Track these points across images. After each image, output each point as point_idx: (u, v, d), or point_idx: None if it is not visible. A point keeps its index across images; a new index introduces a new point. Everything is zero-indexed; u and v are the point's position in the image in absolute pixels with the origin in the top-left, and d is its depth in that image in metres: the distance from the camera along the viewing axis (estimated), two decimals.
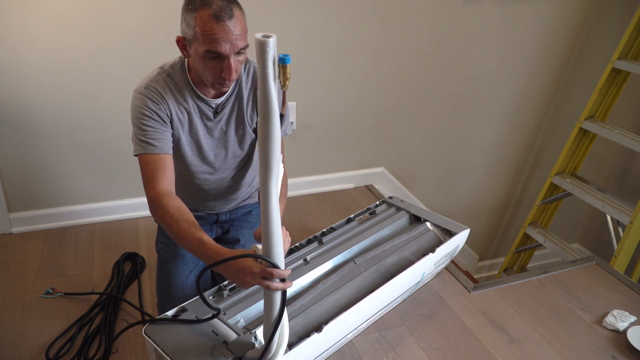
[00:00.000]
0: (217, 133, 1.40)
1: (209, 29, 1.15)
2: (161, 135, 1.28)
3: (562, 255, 2.45)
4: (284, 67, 0.85)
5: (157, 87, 1.29)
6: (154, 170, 1.25)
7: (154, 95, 1.28)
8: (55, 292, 1.63)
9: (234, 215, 1.60)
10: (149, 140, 1.26)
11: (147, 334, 1.13)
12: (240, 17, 1.19)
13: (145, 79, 1.31)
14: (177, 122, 1.33)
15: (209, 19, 1.14)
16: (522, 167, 2.88)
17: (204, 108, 1.35)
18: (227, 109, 1.38)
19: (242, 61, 1.24)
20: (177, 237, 1.17)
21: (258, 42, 0.83)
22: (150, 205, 1.23)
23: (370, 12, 2.13)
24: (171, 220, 1.17)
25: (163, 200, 1.21)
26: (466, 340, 1.46)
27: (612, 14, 2.53)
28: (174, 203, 1.21)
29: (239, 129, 1.41)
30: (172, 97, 1.30)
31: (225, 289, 1.30)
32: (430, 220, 1.67)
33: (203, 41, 1.16)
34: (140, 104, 1.28)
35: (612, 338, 1.49)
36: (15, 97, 1.81)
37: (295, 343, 1.14)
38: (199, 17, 1.15)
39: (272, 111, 0.87)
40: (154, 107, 1.28)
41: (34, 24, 1.73)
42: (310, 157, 2.34)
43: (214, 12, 1.14)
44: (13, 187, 1.94)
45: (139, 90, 1.29)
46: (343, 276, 1.39)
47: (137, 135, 1.28)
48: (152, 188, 1.24)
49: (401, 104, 2.40)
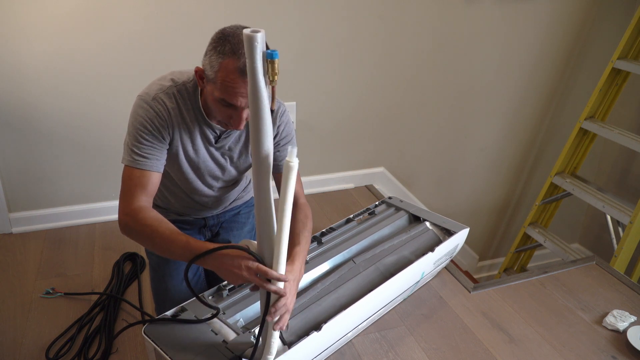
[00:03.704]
0: (217, 158, 1.35)
1: (230, 80, 1.10)
2: (155, 152, 1.22)
3: (562, 255, 2.45)
4: (272, 63, 0.85)
5: (166, 101, 1.22)
6: (136, 186, 1.20)
7: (160, 109, 1.21)
8: (55, 292, 1.63)
9: (222, 218, 1.58)
10: (142, 153, 1.21)
11: (147, 334, 1.13)
12: None
13: (154, 87, 1.24)
14: (178, 140, 1.27)
15: (234, 70, 1.09)
16: (522, 167, 2.88)
17: (208, 132, 1.29)
18: (232, 137, 1.33)
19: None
20: (160, 245, 1.12)
21: (246, 37, 0.83)
22: (124, 220, 1.17)
23: (370, 12, 2.13)
24: (151, 230, 1.12)
25: (140, 215, 1.15)
26: (466, 340, 1.45)
27: (612, 14, 2.53)
28: (152, 215, 1.16)
29: (241, 156, 1.37)
30: (179, 114, 1.24)
31: (224, 289, 1.30)
32: (429, 219, 1.67)
33: (221, 88, 1.12)
34: (144, 115, 1.21)
35: (612, 338, 1.49)
36: (15, 98, 1.81)
37: (294, 342, 1.14)
38: (224, 65, 1.10)
39: (261, 105, 0.88)
40: (157, 123, 1.21)
41: (33, 25, 1.73)
42: (310, 157, 2.34)
43: (241, 66, 1.08)
44: (13, 187, 1.94)
45: (145, 99, 1.22)
46: (342, 275, 1.39)
47: (130, 145, 1.21)
48: (129, 203, 1.18)
49: (401, 104, 2.40)
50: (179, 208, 1.48)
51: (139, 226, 1.14)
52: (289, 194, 0.94)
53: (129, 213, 1.17)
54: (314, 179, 2.39)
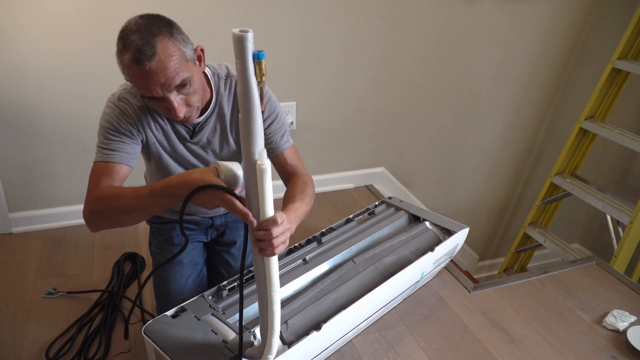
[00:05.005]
0: (198, 153, 1.32)
1: (134, 74, 1.06)
2: (124, 146, 1.19)
3: (562, 255, 2.45)
4: (259, 63, 0.84)
5: (131, 99, 1.20)
6: (101, 177, 1.15)
7: (126, 107, 1.19)
8: (57, 292, 1.63)
9: (229, 217, 1.57)
10: (109, 147, 1.18)
11: (147, 333, 1.13)
12: (167, 51, 1.06)
13: (119, 89, 1.23)
14: (153, 139, 1.25)
15: (131, 64, 1.05)
16: (522, 167, 2.88)
17: (180, 129, 1.27)
18: (207, 129, 1.30)
19: (194, 92, 1.14)
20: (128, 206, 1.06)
21: (235, 37, 0.82)
22: (88, 208, 1.11)
23: (370, 11, 2.13)
24: (114, 198, 1.07)
25: (100, 192, 1.10)
26: (466, 340, 1.45)
27: (612, 14, 2.53)
28: (113, 187, 1.12)
29: (223, 147, 1.34)
30: (147, 112, 1.21)
31: (224, 289, 1.30)
32: (429, 219, 1.67)
33: (137, 87, 1.09)
34: (110, 114, 1.19)
35: (612, 338, 1.49)
36: (15, 97, 1.81)
37: (294, 342, 1.14)
38: (123, 63, 1.07)
39: (253, 107, 0.88)
40: (124, 120, 1.19)
41: (33, 25, 1.73)
42: (310, 157, 2.33)
43: (133, 56, 1.04)
44: (13, 187, 1.94)
45: (111, 100, 1.21)
46: (342, 275, 1.39)
47: (99, 144, 1.20)
48: (92, 193, 1.13)
49: (401, 104, 2.40)
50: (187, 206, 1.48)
51: (101, 201, 1.09)
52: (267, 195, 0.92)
53: (92, 200, 1.12)
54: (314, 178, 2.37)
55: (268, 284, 0.99)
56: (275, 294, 1.00)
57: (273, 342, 1.04)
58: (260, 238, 0.95)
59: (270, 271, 0.98)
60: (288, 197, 1.23)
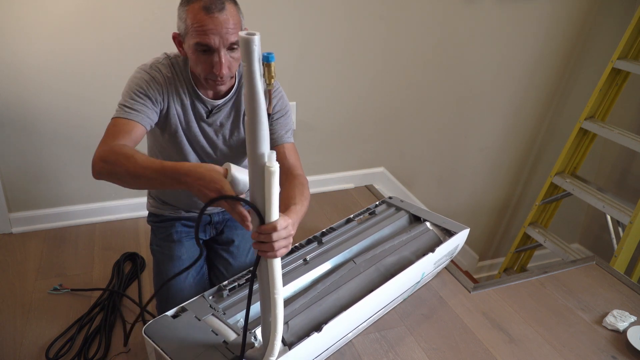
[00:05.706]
0: (209, 135, 1.37)
1: (198, 20, 1.14)
2: (146, 109, 1.23)
3: (562, 255, 2.45)
4: (269, 66, 0.84)
5: (162, 69, 1.27)
6: (119, 132, 1.17)
7: (157, 75, 1.26)
8: (62, 288, 1.64)
9: (227, 215, 1.58)
10: (132, 107, 1.21)
11: (147, 333, 1.13)
12: (234, 12, 1.18)
13: (150, 60, 1.30)
14: (173, 111, 1.30)
15: (200, 10, 1.14)
16: (522, 167, 2.88)
17: (199, 107, 1.33)
18: (223, 113, 1.35)
19: (237, 58, 1.21)
20: (136, 171, 1.06)
21: (243, 40, 0.82)
22: (100, 155, 1.11)
23: (370, 12, 2.13)
24: (126, 157, 1.08)
25: (117, 147, 1.11)
26: (466, 340, 1.46)
27: (612, 14, 2.53)
28: (129, 147, 1.13)
29: (233, 134, 1.39)
30: (173, 84, 1.28)
31: (225, 289, 1.30)
32: (429, 220, 1.67)
33: (193, 33, 1.16)
34: (140, 78, 1.25)
35: (612, 338, 1.49)
36: (15, 97, 1.81)
37: (294, 343, 1.14)
38: (190, 10, 1.16)
39: (259, 109, 0.87)
40: (153, 85, 1.25)
41: (33, 25, 1.73)
42: (310, 157, 2.34)
43: (204, 4, 1.14)
44: (13, 187, 1.94)
45: (142, 68, 1.28)
46: (343, 276, 1.39)
47: (122, 102, 1.23)
48: (107, 143, 1.14)
49: (401, 104, 2.40)
50: (185, 200, 1.49)
51: (114, 155, 1.09)
52: (274, 195, 0.92)
53: (106, 150, 1.12)
54: (314, 179, 2.39)
55: (271, 287, 0.99)
56: (278, 296, 1.00)
57: (275, 344, 1.04)
58: (263, 241, 0.96)
59: (273, 273, 0.98)
60: (288, 197, 1.22)
